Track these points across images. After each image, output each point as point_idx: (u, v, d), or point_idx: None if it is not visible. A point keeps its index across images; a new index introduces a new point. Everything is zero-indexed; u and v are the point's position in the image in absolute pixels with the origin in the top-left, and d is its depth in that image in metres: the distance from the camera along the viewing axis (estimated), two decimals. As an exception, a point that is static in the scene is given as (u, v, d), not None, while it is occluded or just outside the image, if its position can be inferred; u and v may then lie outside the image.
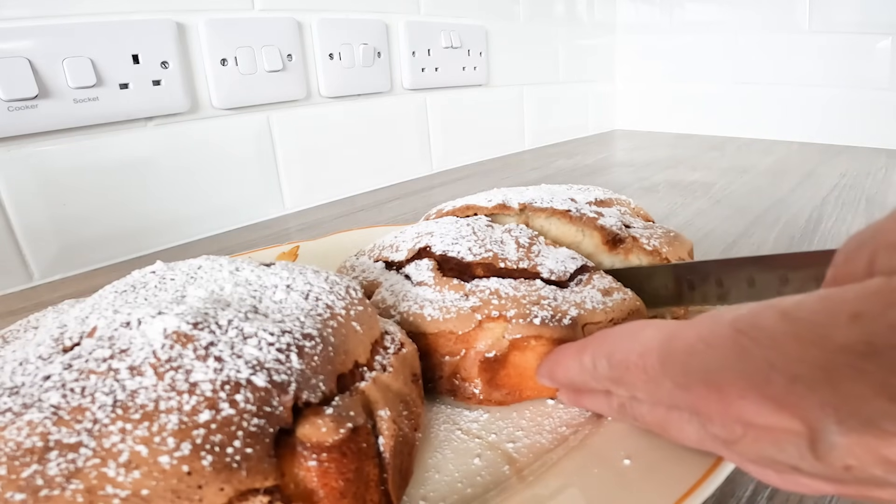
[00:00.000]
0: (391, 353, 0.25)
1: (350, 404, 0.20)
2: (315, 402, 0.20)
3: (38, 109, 0.50)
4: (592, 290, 0.31)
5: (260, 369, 0.19)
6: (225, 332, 0.21)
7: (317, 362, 0.21)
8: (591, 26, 1.25)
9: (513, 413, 0.28)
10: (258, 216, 0.71)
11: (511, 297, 0.29)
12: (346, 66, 0.75)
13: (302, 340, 0.21)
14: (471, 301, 0.29)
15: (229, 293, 0.24)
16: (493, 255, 0.32)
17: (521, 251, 0.32)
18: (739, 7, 1.14)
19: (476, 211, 0.39)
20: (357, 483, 0.19)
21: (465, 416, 0.28)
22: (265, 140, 0.70)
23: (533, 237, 0.34)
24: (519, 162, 1.02)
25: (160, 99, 0.58)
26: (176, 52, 0.58)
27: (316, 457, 0.18)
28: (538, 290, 0.29)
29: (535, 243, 0.33)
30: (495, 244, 0.33)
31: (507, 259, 0.32)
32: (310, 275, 0.27)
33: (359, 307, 0.25)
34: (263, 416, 0.18)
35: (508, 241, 0.33)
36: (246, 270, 0.26)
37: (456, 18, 0.91)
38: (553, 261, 0.32)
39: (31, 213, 0.52)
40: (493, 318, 0.28)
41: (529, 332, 0.28)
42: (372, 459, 0.20)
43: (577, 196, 0.41)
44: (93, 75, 0.52)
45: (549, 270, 0.31)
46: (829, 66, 1.05)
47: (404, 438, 0.22)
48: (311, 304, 0.24)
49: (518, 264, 0.31)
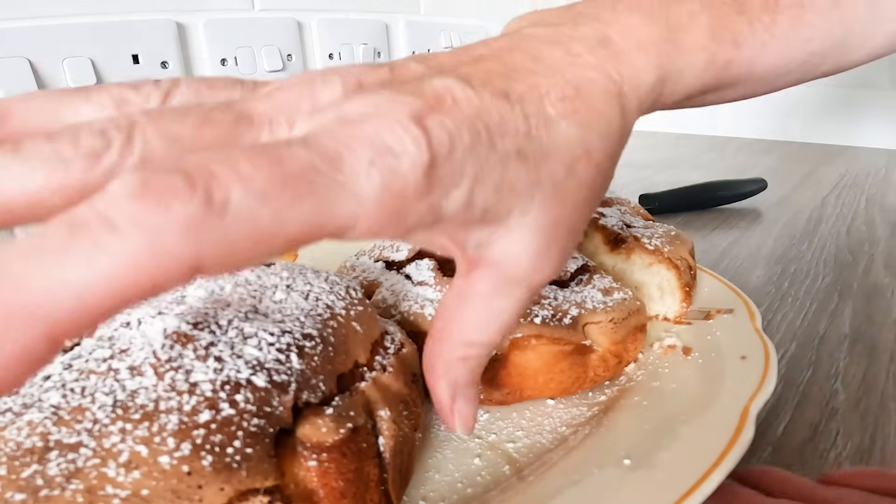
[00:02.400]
0: (391, 353, 0.25)
1: (350, 404, 0.20)
2: (315, 402, 0.20)
3: (38, 109, 0.50)
4: (593, 289, 0.31)
5: (260, 369, 0.19)
6: (225, 333, 0.21)
7: (317, 362, 0.21)
8: (591, 26, 1.25)
9: (513, 413, 0.28)
10: (258, 216, 0.71)
11: None
12: (346, 66, 0.75)
13: (302, 340, 0.21)
14: None
15: (229, 293, 0.24)
16: None
17: None
18: (739, 7, 1.14)
19: None
20: (357, 483, 0.19)
21: None
22: (265, 140, 0.69)
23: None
24: (519, 162, 1.02)
25: (160, 99, 0.58)
26: (176, 52, 0.58)
27: (316, 457, 0.18)
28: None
29: None
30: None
31: None
32: (310, 275, 0.27)
33: (359, 307, 0.25)
34: (263, 416, 0.18)
35: None
36: (245, 270, 0.26)
37: (456, 18, 0.91)
38: None
39: (31, 213, 0.52)
40: None
41: (529, 331, 0.28)
42: (372, 460, 0.20)
43: None
44: (93, 75, 0.52)
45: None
46: (829, 66, 1.05)
47: (404, 438, 0.22)
48: (311, 305, 0.24)
49: None
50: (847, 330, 0.40)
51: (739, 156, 1.00)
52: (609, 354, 0.29)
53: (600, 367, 0.29)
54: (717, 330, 0.33)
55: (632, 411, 0.27)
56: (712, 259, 0.53)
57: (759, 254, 0.54)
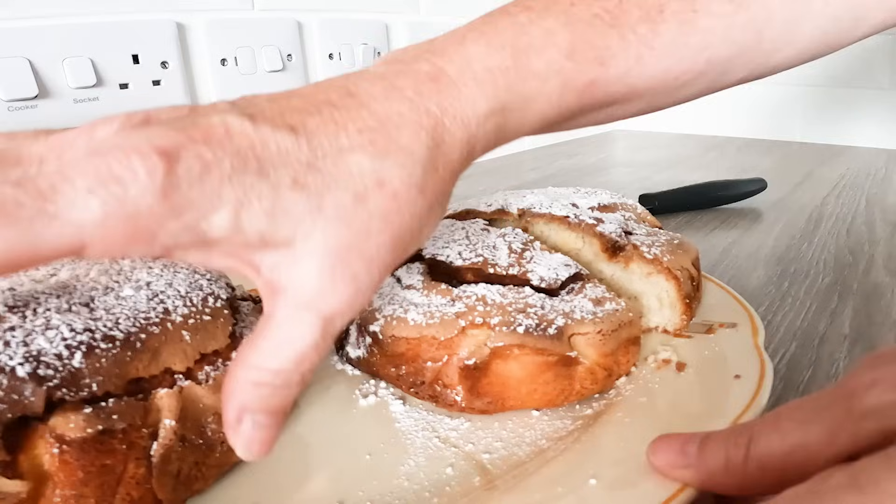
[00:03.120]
0: (223, 367, 0.26)
1: (121, 409, 0.22)
2: (72, 399, 0.21)
3: (38, 109, 0.50)
4: (584, 299, 0.30)
5: (33, 361, 0.21)
6: (33, 321, 0.22)
7: (103, 364, 0.22)
8: (591, 26, 1.25)
9: (495, 423, 0.28)
10: (258, 216, 0.71)
11: (497, 303, 0.28)
12: (346, 66, 0.75)
13: (98, 341, 0.22)
14: (456, 307, 0.28)
15: (89, 278, 0.26)
16: (483, 261, 0.31)
17: (512, 257, 0.32)
18: (739, 7, 1.14)
19: (476, 215, 0.39)
20: (102, 476, 0.21)
21: (446, 423, 0.28)
22: (265, 140, 0.69)
23: (527, 242, 0.34)
24: (519, 162, 1.02)
25: (160, 99, 0.58)
26: (176, 52, 0.58)
27: (59, 447, 0.21)
28: (526, 298, 0.29)
29: (528, 249, 0.33)
30: (487, 249, 0.32)
31: (497, 265, 0.31)
32: (181, 276, 0.28)
33: (205, 317, 0.26)
34: (8, 402, 0.20)
35: (501, 247, 0.33)
36: (129, 260, 0.28)
37: (456, 18, 0.91)
38: (545, 268, 0.31)
39: (31, 213, 0.52)
40: (476, 325, 0.28)
41: (512, 340, 0.27)
42: (136, 460, 0.22)
43: (579, 201, 0.40)
44: (93, 75, 0.52)
45: (540, 277, 0.30)
46: (829, 66, 1.05)
47: (191, 448, 0.24)
48: (148, 307, 0.25)
49: (508, 270, 0.31)
50: (847, 330, 0.40)
51: (739, 156, 1.00)
52: (597, 367, 0.28)
53: (588, 380, 0.28)
54: (717, 345, 0.32)
55: (613, 427, 0.27)
56: (712, 259, 0.53)
57: (759, 254, 0.54)
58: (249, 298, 0.34)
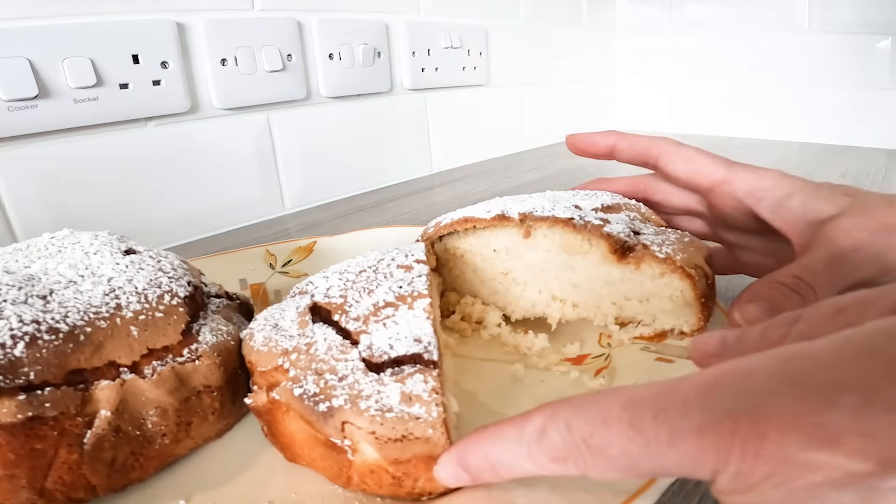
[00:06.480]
0: (173, 362, 0.27)
1: (56, 397, 0.23)
2: (8, 386, 0.22)
3: (38, 109, 0.50)
4: (399, 388, 0.24)
5: None
6: None
7: (44, 354, 0.23)
8: (591, 26, 1.25)
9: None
10: (258, 216, 0.71)
11: (312, 355, 0.26)
12: (346, 66, 0.75)
13: (43, 333, 0.23)
14: (289, 343, 0.27)
15: (56, 272, 0.27)
16: (337, 305, 0.29)
17: (371, 308, 0.28)
18: (739, 7, 1.14)
19: (475, 223, 0.37)
20: (32, 459, 0.23)
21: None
22: (265, 140, 0.69)
23: (417, 294, 0.29)
24: (519, 162, 1.02)
25: (160, 99, 0.58)
26: (176, 52, 0.58)
27: None
28: (341, 361, 0.25)
29: (400, 305, 0.28)
30: (362, 292, 0.29)
31: (348, 313, 0.28)
32: (144, 273, 0.28)
33: (157, 314, 0.27)
34: None
35: (380, 293, 0.29)
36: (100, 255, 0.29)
37: (456, 18, 0.91)
38: (387, 336, 0.26)
39: (31, 213, 0.52)
40: (282, 369, 0.26)
41: (287, 398, 0.25)
42: (68, 446, 0.23)
43: (582, 202, 0.38)
44: (93, 75, 0.52)
45: (369, 345, 0.26)
46: (829, 66, 1.05)
47: (125, 438, 0.25)
48: (101, 301, 0.26)
49: (349, 324, 0.27)
50: (848, 330, 0.40)
51: (739, 156, 1.00)
52: (382, 470, 0.23)
53: (369, 479, 0.23)
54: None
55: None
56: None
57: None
58: (225, 296, 0.35)
